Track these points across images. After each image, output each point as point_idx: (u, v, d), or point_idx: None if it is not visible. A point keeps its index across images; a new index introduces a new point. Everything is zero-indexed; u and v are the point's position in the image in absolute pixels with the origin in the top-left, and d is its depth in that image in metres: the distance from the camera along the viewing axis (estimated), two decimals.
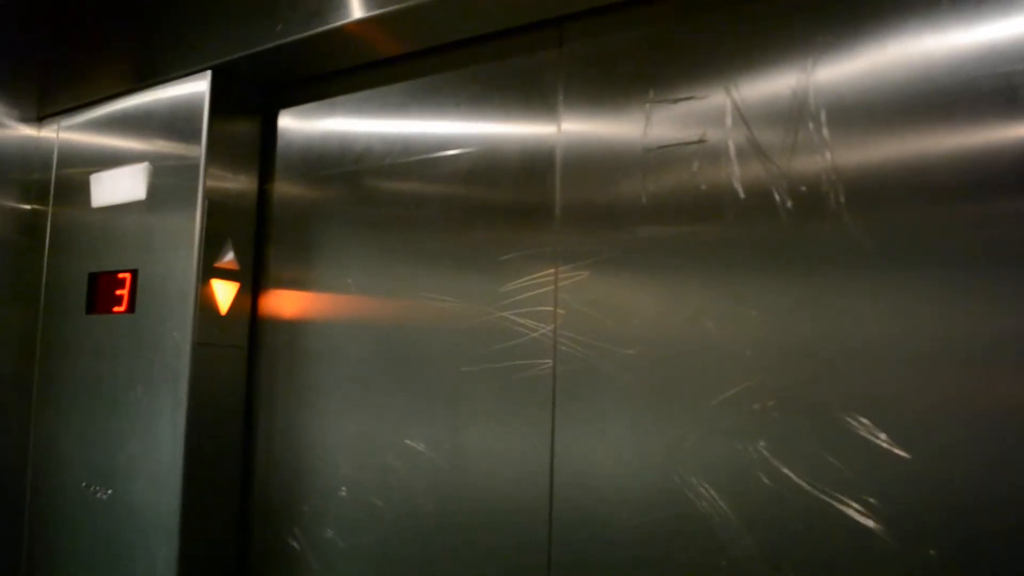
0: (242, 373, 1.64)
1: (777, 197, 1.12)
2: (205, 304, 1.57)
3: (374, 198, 1.55)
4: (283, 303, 1.65)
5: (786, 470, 1.09)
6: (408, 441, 1.44)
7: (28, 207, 1.90)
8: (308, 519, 1.55)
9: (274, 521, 1.59)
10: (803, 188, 1.10)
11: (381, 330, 1.51)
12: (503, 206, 1.39)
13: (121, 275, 1.68)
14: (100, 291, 1.71)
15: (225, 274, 1.60)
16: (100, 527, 1.63)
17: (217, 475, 1.59)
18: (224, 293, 1.60)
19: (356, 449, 1.51)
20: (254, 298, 1.66)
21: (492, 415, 1.36)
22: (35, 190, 1.90)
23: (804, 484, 1.07)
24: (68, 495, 1.70)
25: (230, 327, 1.61)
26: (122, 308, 1.66)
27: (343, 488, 1.51)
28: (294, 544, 1.56)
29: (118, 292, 1.67)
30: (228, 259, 1.60)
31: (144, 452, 1.59)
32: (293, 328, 1.62)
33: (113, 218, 1.73)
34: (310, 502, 1.55)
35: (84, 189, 1.80)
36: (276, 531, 1.58)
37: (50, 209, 1.86)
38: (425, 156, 1.49)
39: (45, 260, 1.85)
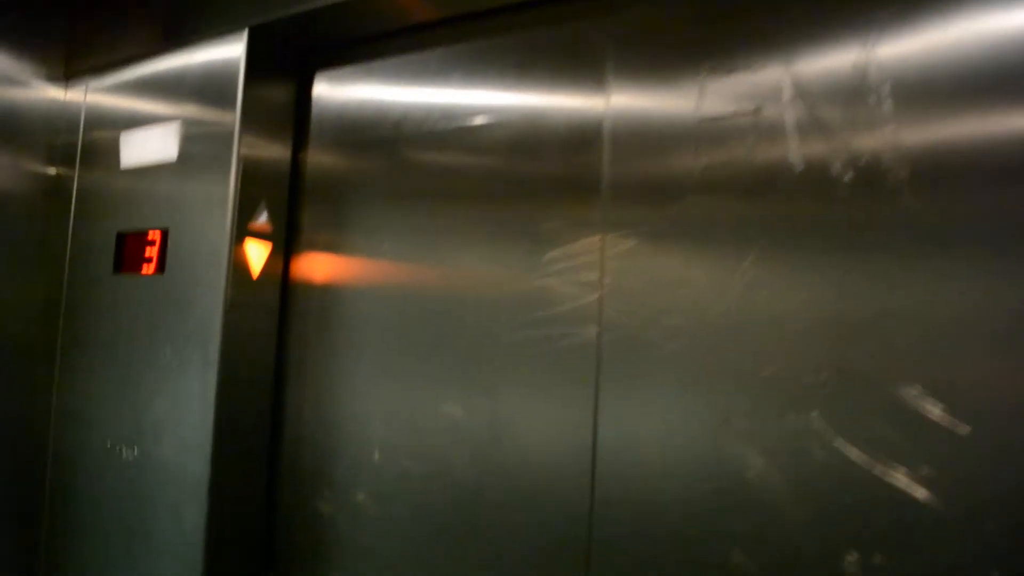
0: (272, 336, 1.63)
1: (834, 172, 1.12)
2: (237, 266, 1.56)
3: (412, 165, 1.55)
4: (316, 268, 1.64)
5: (839, 442, 1.10)
6: (445, 408, 1.44)
7: (54, 170, 1.88)
8: (339, 483, 1.55)
9: (303, 484, 1.59)
10: (861, 163, 1.10)
11: (418, 297, 1.51)
12: (549, 174, 1.38)
13: (151, 235, 1.66)
14: (128, 250, 1.70)
15: (258, 236, 1.59)
16: (125, 487, 1.63)
17: (246, 437, 1.58)
18: (257, 255, 1.59)
19: (390, 414, 1.51)
20: (286, 262, 1.66)
21: (534, 384, 1.36)
22: (61, 153, 1.88)
23: (858, 456, 1.08)
24: (92, 455, 1.69)
25: (262, 290, 1.61)
26: (151, 268, 1.65)
27: (376, 452, 1.51)
28: (324, 507, 1.56)
29: (147, 252, 1.66)
30: (262, 222, 1.60)
31: (172, 412, 1.58)
32: (326, 293, 1.62)
33: (143, 179, 1.71)
34: (341, 465, 1.55)
35: (112, 152, 1.78)
36: (305, 494, 1.58)
37: (77, 172, 1.85)
38: (466, 124, 1.48)
39: (71, 222, 1.83)
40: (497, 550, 1.37)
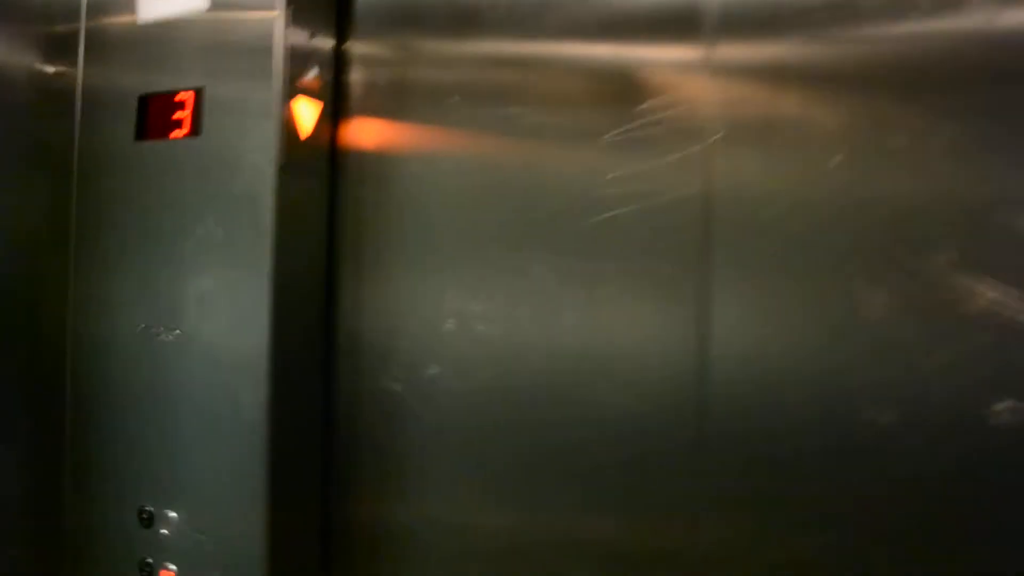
0: (324, 203, 1.49)
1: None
2: (286, 124, 1.40)
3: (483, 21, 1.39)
4: (372, 131, 1.49)
5: (976, 284, 1.03)
6: (529, 272, 1.33)
7: (53, 27, 1.67)
8: (407, 356, 1.43)
9: (365, 361, 1.47)
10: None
11: (494, 160, 1.38)
12: (644, 8, 1.26)
13: (181, 95, 1.49)
14: (153, 114, 1.52)
15: (308, 93, 1.43)
16: (166, 372, 1.48)
17: (302, 311, 1.46)
18: (307, 114, 1.44)
19: (464, 281, 1.39)
20: (335, 123, 1.51)
21: (631, 243, 1.25)
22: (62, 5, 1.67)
23: (996, 297, 1.02)
24: (123, 341, 1.54)
25: (312, 153, 1.46)
26: (183, 131, 1.48)
27: (449, 321, 1.40)
28: (390, 384, 1.45)
29: (177, 114, 1.49)
30: (312, 76, 1.44)
31: (219, 287, 1.44)
32: (385, 158, 1.48)
33: (166, 34, 1.52)
34: (408, 337, 1.43)
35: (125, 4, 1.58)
36: (368, 371, 1.47)
37: (82, 24, 1.64)
38: None
39: (78, 84, 1.63)
40: (591, 416, 1.29)
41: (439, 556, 1.41)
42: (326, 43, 1.48)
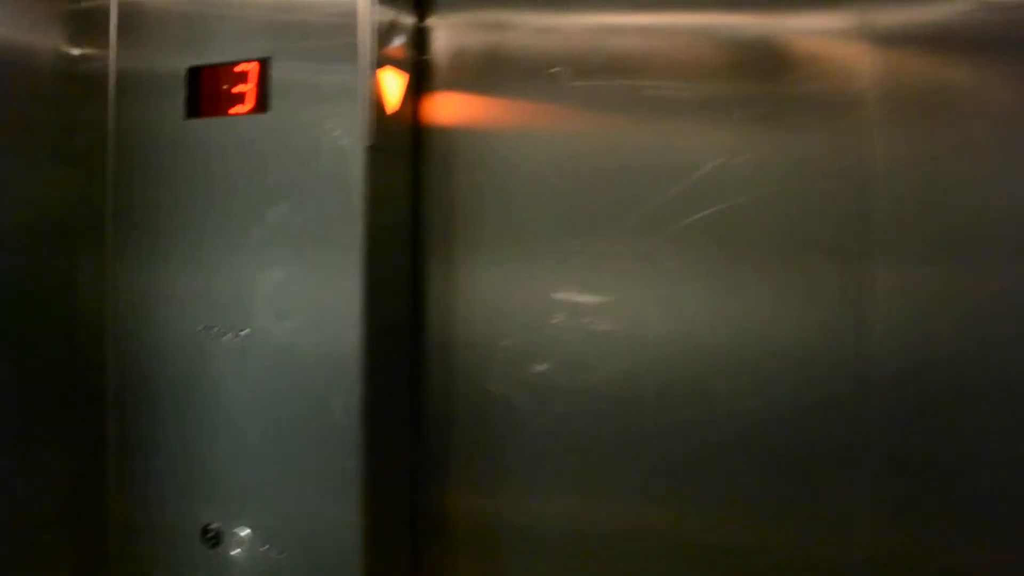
0: (408, 185, 1.35)
1: None
2: (374, 101, 1.26)
3: None
4: (457, 108, 1.36)
5: None
6: (648, 266, 1.23)
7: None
8: (510, 354, 1.31)
9: (460, 356, 1.35)
10: None
11: (603, 141, 1.26)
12: None
13: (241, 67, 1.33)
14: (207, 88, 1.36)
15: (393, 65, 1.29)
16: (233, 376, 1.33)
17: (390, 305, 1.32)
18: (394, 87, 1.29)
19: (575, 273, 1.28)
20: (417, 96, 1.36)
21: (772, 242, 1.16)
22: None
23: None
24: (178, 343, 1.38)
25: (396, 130, 1.32)
26: (246, 106, 1.32)
27: (559, 314, 1.28)
28: (491, 382, 1.33)
29: (238, 88, 1.33)
30: (397, 48, 1.30)
31: (297, 281, 1.29)
32: (477, 135, 1.35)
33: (219, 10, 1.36)
34: (510, 333, 1.31)
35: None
36: (464, 368, 1.34)
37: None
38: None
39: (112, 55, 1.45)
40: (727, 418, 1.19)
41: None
42: (408, 14, 1.34)
